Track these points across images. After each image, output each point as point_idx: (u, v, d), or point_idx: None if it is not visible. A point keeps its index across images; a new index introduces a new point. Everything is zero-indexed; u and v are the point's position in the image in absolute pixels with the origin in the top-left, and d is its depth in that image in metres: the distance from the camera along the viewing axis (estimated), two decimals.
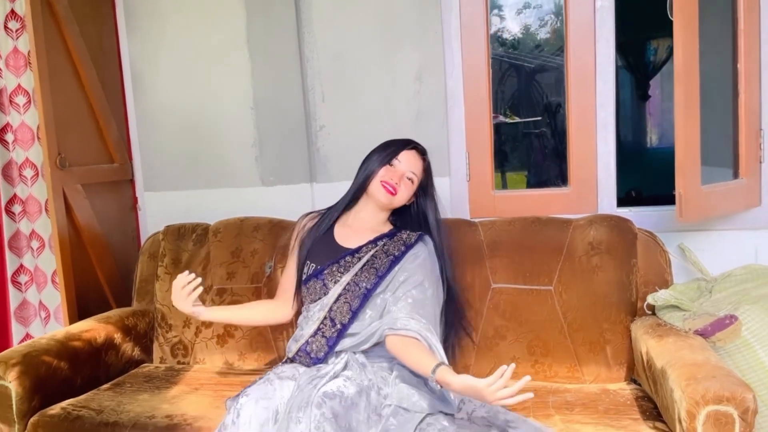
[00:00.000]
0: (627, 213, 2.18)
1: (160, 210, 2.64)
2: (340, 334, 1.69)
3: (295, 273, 1.84)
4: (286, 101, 2.47)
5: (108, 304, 2.44)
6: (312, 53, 2.47)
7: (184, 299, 1.74)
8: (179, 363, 2.20)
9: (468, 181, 2.39)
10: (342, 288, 1.71)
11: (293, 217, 2.05)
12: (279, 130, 2.49)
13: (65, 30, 2.32)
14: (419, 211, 1.86)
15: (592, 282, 1.91)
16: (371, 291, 1.70)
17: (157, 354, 2.24)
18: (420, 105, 2.39)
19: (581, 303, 1.91)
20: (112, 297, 2.47)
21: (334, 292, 1.71)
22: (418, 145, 1.85)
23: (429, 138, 2.38)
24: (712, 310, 1.83)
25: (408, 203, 1.85)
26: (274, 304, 1.90)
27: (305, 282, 1.78)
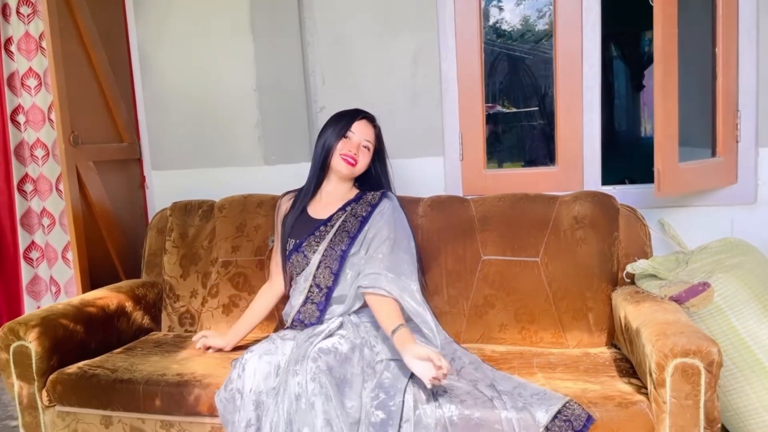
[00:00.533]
0: (610, 190, 2.30)
1: (166, 188, 2.75)
2: (327, 297, 1.82)
3: (281, 251, 1.98)
4: (288, 84, 2.57)
5: (117, 276, 2.55)
6: (313, 38, 2.57)
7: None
8: (186, 331, 2.31)
9: (461, 161, 2.49)
10: (321, 255, 1.84)
11: None
12: (281, 111, 2.60)
13: (77, 14, 2.42)
14: (378, 174, 1.98)
15: (576, 254, 2.02)
16: (346, 252, 1.83)
17: (166, 323, 2.36)
18: (415, 88, 2.50)
19: (566, 273, 2.02)
20: (121, 269, 2.57)
21: (314, 260, 1.84)
22: (367, 114, 1.95)
23: (424, 119, 2.51)
24: (687, 278, 1.94)
25: (367, 168, 1.96)
26: (269, 288, 2.03)
27: (288, 257, 1.91)
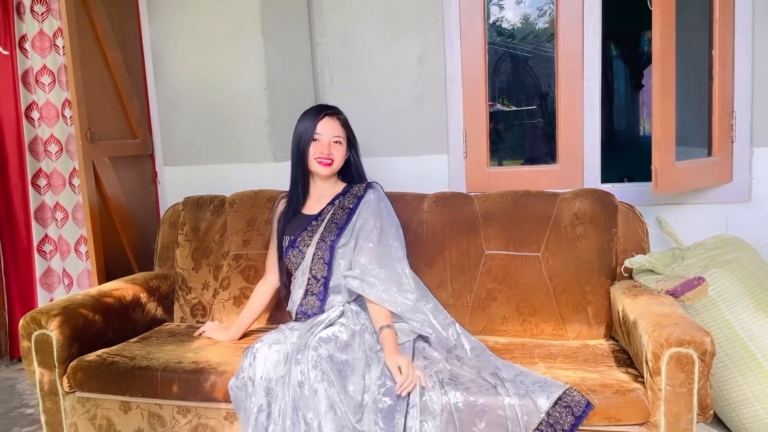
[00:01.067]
0: (610, 188, 2.37)
1: (178, 184, 2.82)
2: (325, 287, 1.91)
3: (277, 249, 2.07)
4: (297, 83, 2.64)
5: (131, 269, 2.62)
6: (322, 38, 2.64)
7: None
8: (198, 322, 2.39)
9: (465, 158, 2.57)
10: (314, 248, 1.93)
11: None
12: (290, 109, 2.63)
13: (94, 15, 2.48)
14: (356, 162, 2.04)
15: (576, 249, 2.10)
16: (335, 242, 1.92)
17: (178, 314, 2.43)
18: (421, 87, 2.57)
19: (566, 268, 2.10)
20: (134, 262, 2.64)
21: (309, 254, 1.93)
22: (326, 109, 2.00)
23: (429, 118, 2.58)
24: (683, 273, 2.02)
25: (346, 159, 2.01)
26: (263, 284, 2.14)
27: (286, 254, 2.00)
